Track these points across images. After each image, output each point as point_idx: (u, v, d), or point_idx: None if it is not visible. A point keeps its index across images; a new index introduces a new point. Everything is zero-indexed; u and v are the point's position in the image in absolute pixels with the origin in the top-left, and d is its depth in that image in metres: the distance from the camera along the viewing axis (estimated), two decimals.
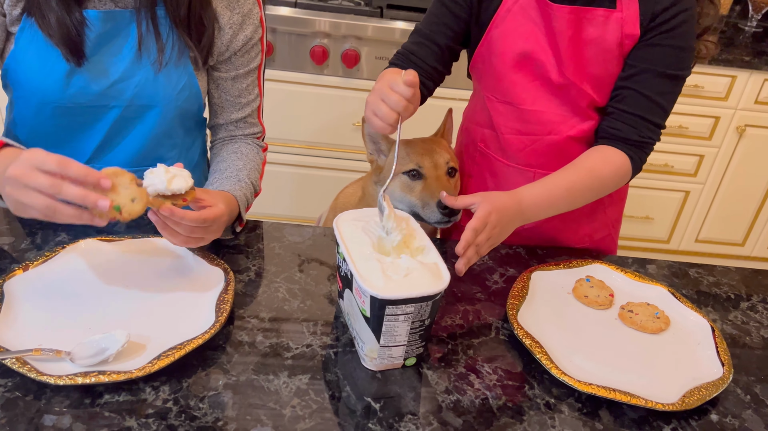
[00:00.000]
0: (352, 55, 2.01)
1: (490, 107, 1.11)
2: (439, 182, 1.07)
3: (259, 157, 1.15)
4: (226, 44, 1.05)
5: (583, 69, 1.02)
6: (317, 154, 2.24)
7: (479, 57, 1.09)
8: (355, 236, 0.84)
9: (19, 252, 0.93)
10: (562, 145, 1.08)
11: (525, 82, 1.06)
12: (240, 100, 1.11)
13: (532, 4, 1.01)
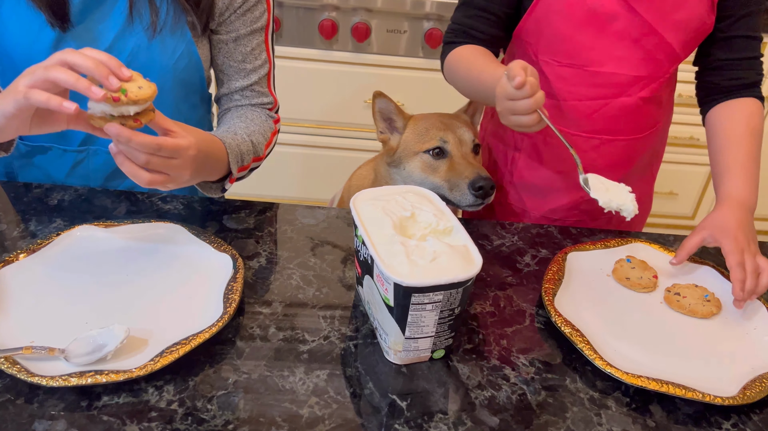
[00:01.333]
0: (362, 28, 1.91)
1: (548, 72, 1.02)
2: (465, 160, 0.99)
3: (268, 124, 1.04)
4: (226, 3, 0.96)
5: (667, 15, 0.94)
6: (327, 133, 2.15)
7: (534, 18, 0.99)
8: (375, 217, 0.76)
9: (11, 241, 0.86)
10: (633, 107, 1.01)
11: (594, 40, 0.97)
12: (245, 65, 1.01)
13: None
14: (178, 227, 0.88)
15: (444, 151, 1.01)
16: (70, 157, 1.01)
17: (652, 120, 1.06)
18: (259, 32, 1.01)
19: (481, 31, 1.01)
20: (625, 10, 0.93)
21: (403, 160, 1.06)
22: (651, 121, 1.06)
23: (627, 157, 1.08)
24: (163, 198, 0.98)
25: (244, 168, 0.96)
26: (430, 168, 1.03)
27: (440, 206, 0.79)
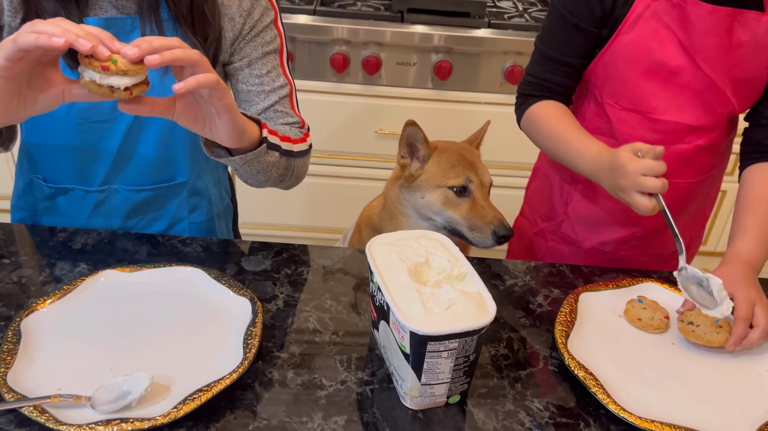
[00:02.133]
0: (373, 61, 1.95)
1: (612, 114, 1.05)
2: (486, 202, 1.04)
3: (293, 131, 1.01)
4: (237, 32, 0.98)
5: (728, 72, 0.97)
6: (339, 163, 2.18)
7: (602, 63, 1.03)
8: (390, 263, 0.78)
9: (38, 286, 0.89)
10: (690, 154, 1.04)
11: (657, 90, 1.00)
12: (263, 87, 1.01)
13: (666, 8, 0.95)
14: (199, 271, 0.90)
15: (467, 190, 1.05)
16: (91, 198, 1.05)
17: (708, 165, 1.09)
18: (273, 55, 1.02)
19: (559, 84, 1.05)
20: (690, 65, 0.97)
21: (423, 189, 1.09)
22: (707, 166, 1.09)
23: (681, 199, 1.11)
24: (183, 241, 1.01)
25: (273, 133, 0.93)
26: (451, 203, 1.06)
27: (453, 251, 0.81)
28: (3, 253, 0.94)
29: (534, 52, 1.08)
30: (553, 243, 1.20)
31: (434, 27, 1.93)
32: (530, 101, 1.06)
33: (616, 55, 1.00)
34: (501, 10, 2.10)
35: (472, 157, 1.08)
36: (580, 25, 1.00)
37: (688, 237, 1.21)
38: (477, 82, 2.01)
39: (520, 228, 1.29)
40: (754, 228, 0.95)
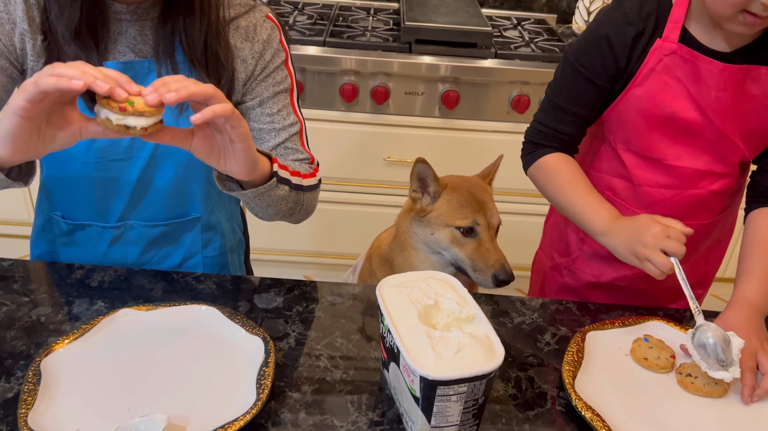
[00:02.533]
0: (381, 91, 1.99)
1: (626, 159, 1.08)
2: (492, 244, 1.06)
3: (303, 167, 1.03)
4: (249, 73, 1.02)
5: (739, 124, 1.00)
6: (348, 190, 2.21)
7: (615, 112, 1.06)
8: (400, 305, 0.80)
9: (56, 324, 0.91)
10: (704, 198, 1.07)
11: (669, 140, 1.03)
12: (274, 125, 1.04)
13: (678, 62, 0.98)
14: (213, 309, 0.93)
15: (474, 231, 1.07)
16: (108, 233, 1.07)
17: (721, 207, 1.12)
18: (284, 94, 1.05)
19: (570, 135, 1.08)
20: (702, 118, 0.99)
21: (432, 225, 1.11)
22: (721, 208, 1.12)
23: (696, 240, 1.12)
24: (197, 278, 1.03)
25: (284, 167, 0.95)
26: (458, 242, 1.09)
27: (462, 293, 0.83)
28: (23, 291, 0.97)
29: (545, 100, 1.10)
30: (569, 278, 1.21)
31: (441, 57, 1.97)
32: (540, 151, 1.08)
33: (628, 106, 1.02)
34: (507, 40, 2.14)
35: (483, 196, 1.10)
36: (593, 80, 1.02)
37: (703, 272, 1.23)
38: (484, 111, 2.04)
39: (538, 262, 1.32)
40: (759, 271, 0.96)
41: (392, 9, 2.39)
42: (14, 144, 0.72)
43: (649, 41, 0.98)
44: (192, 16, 0.94)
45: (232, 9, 1.01)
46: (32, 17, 0.92)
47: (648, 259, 0.89)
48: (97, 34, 0.93)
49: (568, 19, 2.45)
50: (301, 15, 2.24)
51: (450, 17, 2.04)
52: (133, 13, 0.94)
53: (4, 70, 0.93)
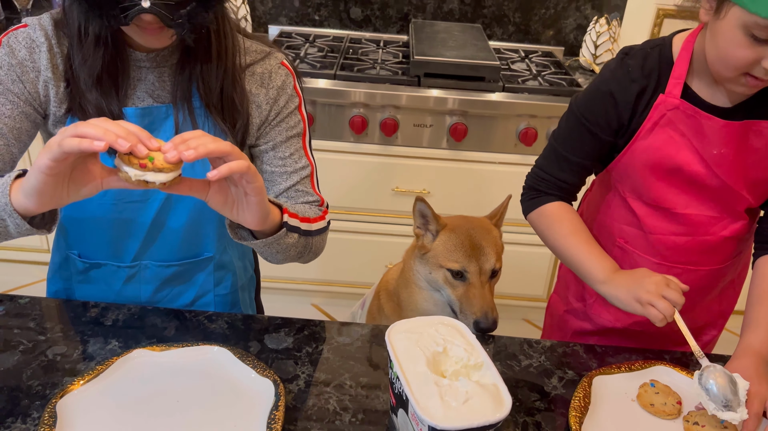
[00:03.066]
0: (390, 123, 2.02)
1: (636, 208, 1.10)
2: (480, 290, 1.08)
3: (312, 210, 1.06)
4: (263, 118, 1.05)
5: (742, 174, 1.02)
6: (357, 219, 2.24)
7: (622, 164, 1.08)
8: (409, 351, 0.81)
9: (71, 363, 0.93)
10: (716, 244, 1.08)
11: (676, 190, 1.05)
12: (286, 168, 1.07)
13: (680, 117, 1.00)
14: (224, 350, 0.94)
15: (464, 275, 1.09)
16: (123, 272, 1.10)
17: (734, 252, 1.12)
18: (296, 138, 1.08)
19: (570, 183, 1.11)
20: (707, 171, 1.01)
21: (430, 264, 1.14)
22: (733, 252, 1.12)
23: (709, 284, 1.14)
24: (209, 317, 1.05)
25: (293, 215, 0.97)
26: (450, 284, 1.11)
27: (470, 339, 0.84)
28: (39, 329, 0.99)
29: (548, 148, 1.12)
30: (586, 323, 1.22)
31: (450, 91, 2.00)
32: (542, 198, 1.11)
33: (634, 158, 1.04)
34: (515, 74, 2.17)
35: (481, 240, 1.11)
36: (597, 133, 1.05)
37: (718, 312, 1.23)
38: (492, 143, 2.07)
39: (553, 306, 1.32)
40: (766, 320, 0.97)
41: (402, 42, 2.43)
42: (40, 198, 0.76)
43: (652, 97, 1.01)
44: (209, 63, 0.97)
45: (249, 56, 1.04)
46: (56, 65, 0.96)
47: (651, 304, 0.90)
48: (118, 81, 0.96)
49: (575, 51, 2.48)
50: (312, 47, 2.29)
51: (459, 51, 2.08)
52: (153, 60, 0.98)
53: (27, 115, 0.96)
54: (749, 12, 0.82)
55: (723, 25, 0.88)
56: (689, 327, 1.18)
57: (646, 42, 1.05)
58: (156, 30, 0.87)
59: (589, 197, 1.25)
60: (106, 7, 0.82)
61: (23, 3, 2.34)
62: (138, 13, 0.82)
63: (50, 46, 0.95)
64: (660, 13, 2.13)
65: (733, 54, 0.88)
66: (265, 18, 2.47)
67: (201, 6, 0.86)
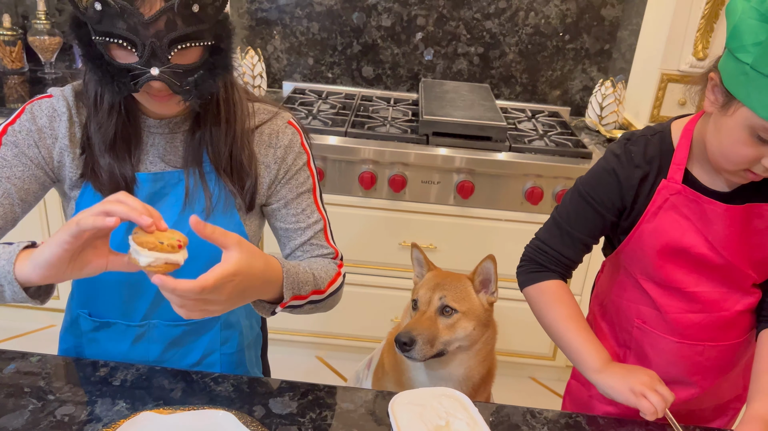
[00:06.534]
0: (398, 180, 2.06)
1: (648, 288, 1.11)
2: (420, 317, 1.18)
3: (331, 266, 1.10)
4: (273, 177, 1.08)
5: (746, 255, 1.04)
6: (364, 272, 2.26)
7: (629, 246, 1.10)
8: (412, 424, 0.82)
9: (79, 425, 0.94)
10: (732, 319, 1.09)
11: (684, 271, 1.07)
12: (299, 224, 1.10)
13: (684, 202, 1.03)
14: (229, 415, 0.95)
15: (416, 304, 1.21)
16: (132, 332, 1.12)
17: (750, 325, 1.13)
18: (307, 194, 1.11)
19: (571, 260, 1.12)
20: (713, 252, 1.03)
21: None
22: (750, 325, 1.13)
23: (731, 358, 1.14)
24: (215, 379, 1.06)
25: (301, 297, 1.01)
26: (409, 315, 1.24)
27: (473, 413, 0.85)
28: (48, 389, 1.01)
29: (550, 223, 1.14)
30: (611, 407, 1.21)
31: (457, 150, 2.05)
32: (543, 274, 1.12)
33: (642, 241, 1.07)
34: (521, 133, 2.22)
35: (446, 282, 1.21)
36: (601, 212, 1.07)
37: (742, 386, 1.23)
38: (498, 201, 2.10)
39: (574, 392, 1.31)
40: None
41: (411, 99, 2.50)
42: (48, 271, 0.80)
43: (654, 182, 1.04)
44: (218, 126, 1.02)
45: (257, 117, 1.09)
46: (73, 133, 1.01)
47: (645, 395, 0.91)
48: (131, 147, 1.01)
49: (581, 112, 2.54)
50: (325, 104, 2.36)
51: (467, 111, 2.14)
52: (165, 126, 1.03)
53: (37, 178, 1.01)
54: (758, 116, 0.85)
55: (729, 122, 0.90)
56: (718, 403, 1.18)
57: (646, 128, 1.09)
58: (165, 97, 0.92)
59: (602, 279, 1.26)
60: (118, 75, 0.87)
61: (47, 56, 2.44)
62: (147, 81, 0.86)
63: (70, 116, 1.01)
64: (664, 78, 2.18)
65: (736, 151, 0.90)
66: (279, 74, 2.56)
67: (208, 74, 0.91)
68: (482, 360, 1.24)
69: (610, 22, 2.43)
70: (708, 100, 0.94)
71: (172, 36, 0.84)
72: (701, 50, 2.11)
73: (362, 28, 2.47)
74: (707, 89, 0.94)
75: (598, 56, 2.48)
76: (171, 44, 0.85)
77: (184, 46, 0.86)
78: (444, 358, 1.20)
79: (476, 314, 1.20)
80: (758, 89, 0.83)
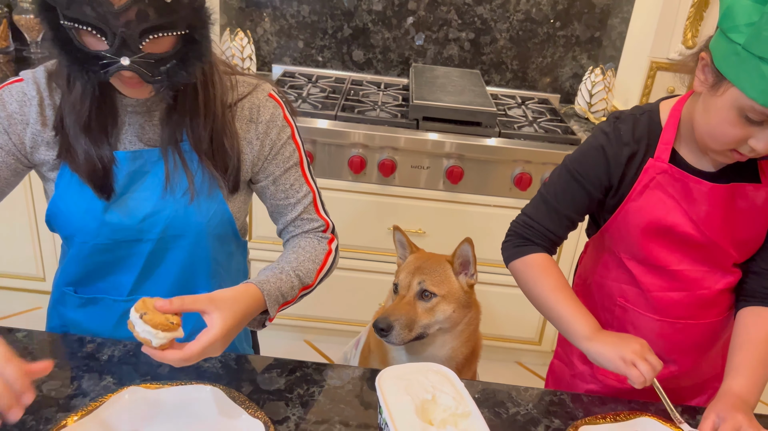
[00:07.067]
0: (388, 164, 2.06)
1: (631, 267, 1.13)
2: (399, 302, 1.21)
3: (321, 247, 1.11)
4: (257, 155, 1.06)
5: (729, 234, 1.05)
6: (352, 257, 2.26)
7: (614, 225, 1.11)
8: (398, 398, 0.83)
9: (66, 399, 0.94)
10: (713, 297, 1.11)
11: (668, 249, 1.08)
12: (289, 200, 1.10)
13: (669, 181, 1.04)
14: (217, 390, 0.96)
15: (396, 289, 1.23)
16: (119, 307, 1.11)
17: (730, 303, 1.14)
18: (294, 168, 1.10)
19: (558, 236, 1.12)
20: (696, 231, 1.04)
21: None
22: (730, 304, 1.14)
23: (710, 337, 1.16)
24: None
25: (290, 300, 1.04)
26: (391, 298, 1.25)
27: (459, 388, 0.86)
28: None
29: (537, 199, 1.14)
30: (593, 385, 1.22)
31: (447, 135, 2.05)
32: (529, 248, 1.11)
33: (627, 219, 1.08)
34: (511, 119, 2.22)
35: (426, 266, 1.22)
36: (588, 188, 1.08)
37: (720, 365, 1.24)
38: (487, 186, 2.11)
39: (556, 372, 1.33)
40: (747, 368, 1.00)
41: (402, 84, 2.50)
42: None
43: (642, 161, 1.05)
44: (197, 117, 1.00)
45: (236, 90, 1.05)
46: (46, 117, 0.99)
47: (635, 364, 0.92)
48: (107, 127, 0.99)
49: (570, 99, 2.55)
50: (315, 87, 2.35)
51: (457, 96, 2.14)
52: (143, 105, 1.00)
53: (8, 165, 1.00)
54: (747, 96, 0.86)
55: (718, 102, 0.91)
56: (697, 381, 1.20)
57: (635, 108, 1.09)
58: (137, 84, 0.90)
59: (585, 259, 1.28)
60: (87, 62, 0.84)
61: (33, 36, 2.41)
62: (117, 70, 0.84)
63: (41, 100, 0.98)
64: (653, 66, 2.19)
65: (724, 131, 0.92)
66: (269, 57, 2.54)
67: (181, 64, 0.88)
68: (465, 340, 1.25)
69: (601, 10, 2.44)
70: (698, 79, 0.95)
71: (144, 26, 0.81)
72: (690, 39, 2.12)
73: (353, 12, 2.45)
74: (697, 69, 0.95)
75: (589, 44, 2.49)
76: (142, 34, 0.82)
77: (156, 36, 0.83)
78: (425, 340, 1.22)
79: (456, 297, 1.21)
80: (749, 70, 0.84)
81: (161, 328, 0.82)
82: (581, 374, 1.24)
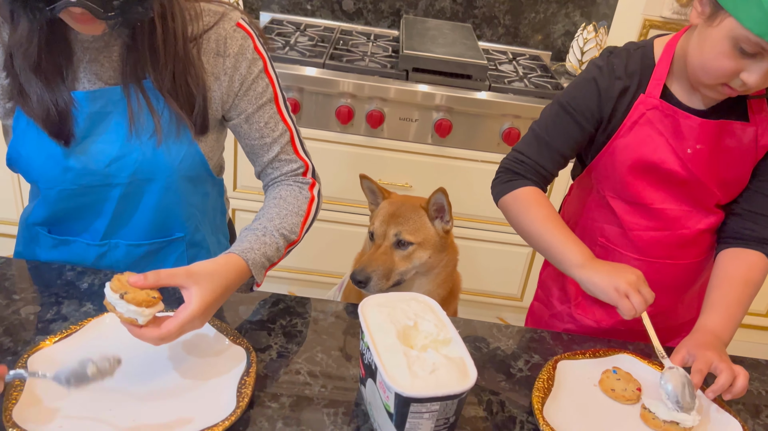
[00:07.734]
0: (376, 115, 2.04)
1: (615, 206, 1.13)
2: (375, 251, 1.20)
3: (303, 196, 1.07)
4: (225, 91, 1.00)
5: (714, 172, 1.05)
6: (338, 209, 2.25)
7: (602, 162, 1.11)
8: (380, 324, 0.83)
9: (45, 323, 0.93)
10: (693, 237, 1.12)
11: (653, 187, 1.08)
12: (264, 140, 1.04)
13: (659, 117, 1.03)
14: None
15: (373, 237, 1.23)
16: (93, 251, 1.08)
17: (710, 244, 1.15)
18: (269, 105, 1.03)
19: (548, 170, 1.11)
20: (682, 169, 1.05)
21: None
22: (710, 246, 1.15)
23: (689, 278, 1.18)
24: None
25: (276, 263, 1.01)
26: (367, 246, 1.25)
27: (441, 316, 0.86)
28: (13, 289, 0.99)
29: (528, 135, 1.13)
30: (571, 325, 1.24)
31: (437, 87, 2.03)
32: (518, 182, 1.10)
33: (614, 156, 1.08)
34: (502, 74, 2.20)
35: (401, 212, 1.21)
36: (579, 121, 1.07)
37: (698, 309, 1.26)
38: (475, 140, 2.10)
39: (536, 313, 1.34)
40: (723, 306, 1.01)
41: (392, 36, 2.46)
42: None
43: (633, 96, 1.04)
44: (156, 53, 0.92)
45: (203, 18, 0.97)
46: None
47: (628, 295, 0.93)
48: (60, 66, 0.91)
49: (562, 57, 2.53)
50: (303, 36, 2.30)
51: (447, 48, 2.11)
52: (100, 40, 0.93)
53: None
54: (743, 26, 0.86)
55: (713, 32, 0.91)
56: (672, 324, 1.22)
57: (629, 43, 1.08)
58: (88, 20, 0.83)
59: (569, 200, 1.28)
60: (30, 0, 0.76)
61: None
62: (65, 6, 0.77)
63: None
64: (646, 24, 2.18)
65: (717, 63, 0.91)
66: (257, 4, 2.48)
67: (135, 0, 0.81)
68: (442, 282, 1.27)
69: None
70: (695, 10, 0.95)
71: None
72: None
73: None
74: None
75: (582, 0, 2.45)
76: None
77: None
78: (403, 285, 1.22)
79: (432, 243, 1.22)
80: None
81: (145, 305, 0.79)
82: (559, 314, 1.25)
